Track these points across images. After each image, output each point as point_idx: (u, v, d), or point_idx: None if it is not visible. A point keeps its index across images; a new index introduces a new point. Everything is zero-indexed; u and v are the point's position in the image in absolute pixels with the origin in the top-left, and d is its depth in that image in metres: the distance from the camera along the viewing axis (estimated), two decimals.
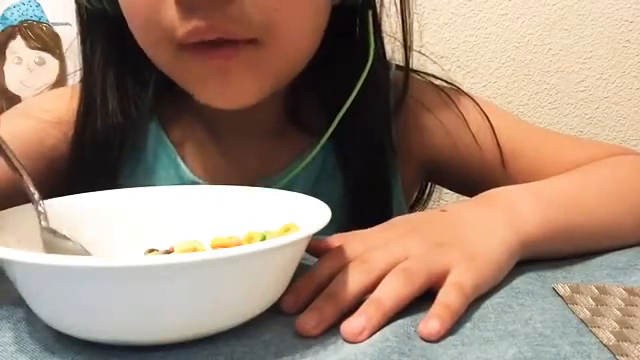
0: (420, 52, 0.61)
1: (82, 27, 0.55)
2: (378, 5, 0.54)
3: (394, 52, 0.60)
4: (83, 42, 0.56)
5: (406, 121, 0.59)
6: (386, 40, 0.58)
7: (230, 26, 0.43)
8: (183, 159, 0.57)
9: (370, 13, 0.53)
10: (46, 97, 0.72)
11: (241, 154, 0.58)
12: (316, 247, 0.41)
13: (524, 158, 0.58)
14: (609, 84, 1.16)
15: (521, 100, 1.16)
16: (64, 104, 0.57)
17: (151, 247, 0.43)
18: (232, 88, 0.47)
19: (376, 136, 0.57)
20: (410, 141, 0.60)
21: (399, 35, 0.58)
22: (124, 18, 0.48)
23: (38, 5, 1.11)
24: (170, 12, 0.44)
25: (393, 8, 0.56)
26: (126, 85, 0.55)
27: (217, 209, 0.45)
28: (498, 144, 0.58)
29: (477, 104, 0.60)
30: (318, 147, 0.54)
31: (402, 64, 0.59)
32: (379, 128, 0.57)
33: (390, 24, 0.57)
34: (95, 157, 0.55)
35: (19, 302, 0.37)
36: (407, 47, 0.58)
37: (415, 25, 0.57)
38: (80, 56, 0.56)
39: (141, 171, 0.57)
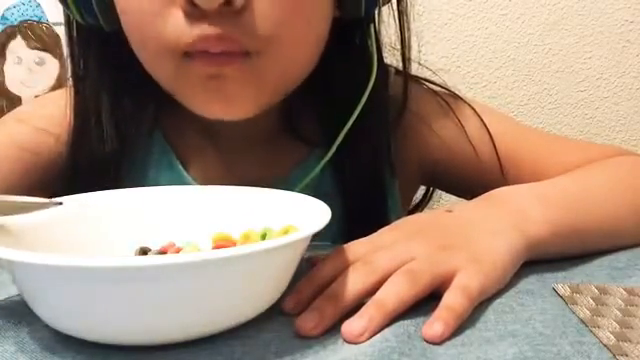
0: (419, 63, 0.60)
1: (72, 46, 0.53)
2: (377, 20, 0.53)
3: (392, 62, 0.59)
4: (72, 61, 0.53)
5: (404, 132, 0.59)
6: (384, 51, 0.57)
7: (237, 36, 0.42)
8: (186, 169, 0.57)
9: (372, 27, 0.53)
10: (42, 102, 0.69)
11: (240, 163, 0.57)
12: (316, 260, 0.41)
13: (522, 164, 0.58)
14: (609, 84, 1.16)
15: (521, 100, 1.16)
16: (60, 111, 0.55)
17: (144, 245, 0.42)
18: (230, 99, 0.46)
19: (375, 149, 0.56)
20: (408, 150, 0.59)
21: (395, 44, 0.57)
22: (120, 35, 0.47)
23: (38, 5, 1.11)
24: (175, 20, 0.43)
25: (392, 21, 0.56)
26: (123, 106, 0.53)
27: (216, 209, 0.45)
28: (496, 152, 0.58)
29: (474, 110, 0.59)
30: (318, 168, 0.53)
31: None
32: (379, 141, 0.56)
33: (389, 36, 0.56)
34: (92, 174, 0.53)
35: (19, 302, 0.37)
36: (405, 63, 0.57)
37: (413, 39, 0.57)
38: (70, 76, 0.54)
39: (143, 183, 0.56)
